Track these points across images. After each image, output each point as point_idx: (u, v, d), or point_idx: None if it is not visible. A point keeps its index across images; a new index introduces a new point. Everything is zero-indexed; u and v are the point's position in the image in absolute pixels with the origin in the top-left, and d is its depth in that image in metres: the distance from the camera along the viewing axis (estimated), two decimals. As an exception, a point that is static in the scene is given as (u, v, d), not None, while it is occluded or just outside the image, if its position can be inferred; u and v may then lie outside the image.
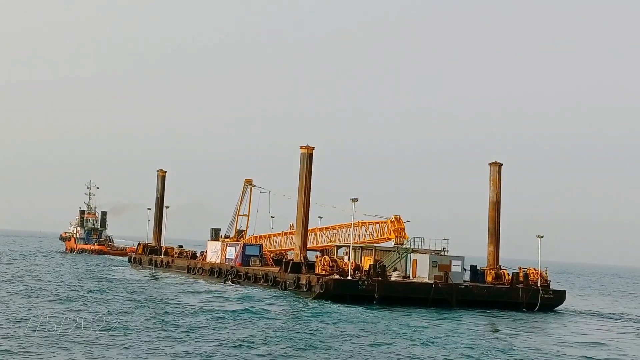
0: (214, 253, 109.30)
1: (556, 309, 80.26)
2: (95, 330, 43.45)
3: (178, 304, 63.61)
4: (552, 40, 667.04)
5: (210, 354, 38.13)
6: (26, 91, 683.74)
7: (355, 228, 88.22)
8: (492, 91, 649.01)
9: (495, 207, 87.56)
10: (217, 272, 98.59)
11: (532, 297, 78.76)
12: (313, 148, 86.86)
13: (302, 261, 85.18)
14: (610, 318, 78.84)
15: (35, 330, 41.91)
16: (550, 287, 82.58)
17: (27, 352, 35.23)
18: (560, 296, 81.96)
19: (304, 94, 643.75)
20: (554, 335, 59.22)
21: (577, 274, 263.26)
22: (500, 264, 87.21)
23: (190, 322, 50.51)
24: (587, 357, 45.93)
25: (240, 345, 41.81)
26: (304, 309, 65.09)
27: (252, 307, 64.02)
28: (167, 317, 52.49)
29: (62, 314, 50.87)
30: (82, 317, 49.29)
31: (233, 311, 59.65)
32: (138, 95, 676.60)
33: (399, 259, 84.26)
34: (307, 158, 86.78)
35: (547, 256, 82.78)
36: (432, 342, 47.88)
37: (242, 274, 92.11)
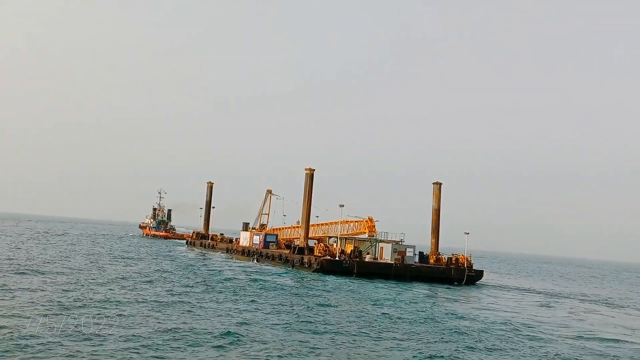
0: (244, 239, 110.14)
1: (477, 282, 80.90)
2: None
3: (225, 272, 64.80)
4: (469, 105, 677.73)
5: (250, 304, 39.32)
6: (120, 127, 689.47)
7: (341, 224, 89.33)
8: (436, 135, 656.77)
9: (437, 213, 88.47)
10: (247, 253, 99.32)
11: (460, 274, 79.43)
12: (314, 169, 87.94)
13: (305, 246, 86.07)
14: (514, 289, 79.78)
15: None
16: (473, 268, 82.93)
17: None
18: (479, 274, 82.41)
19: (309, 134, 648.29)
20: (474, 298, 60.17)
21: (494, 260, 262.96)
22: (439, 251, 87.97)
23: (233, 285, 51.46)
24: (496, 314, 47.00)
25: (268, 299, 42.95)
26: (306, 278, 65.99)
27: (272, 276, 64.97)
28: (213, 281, 53.76)
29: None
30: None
31: (260, 279, 60.60)
32: (199, 130, 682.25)
33: (370, 246, 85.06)
34: (310, 176, 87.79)
35: (471, 246, 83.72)
36: (394, 301, 48.89)
37: (263, 254, 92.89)
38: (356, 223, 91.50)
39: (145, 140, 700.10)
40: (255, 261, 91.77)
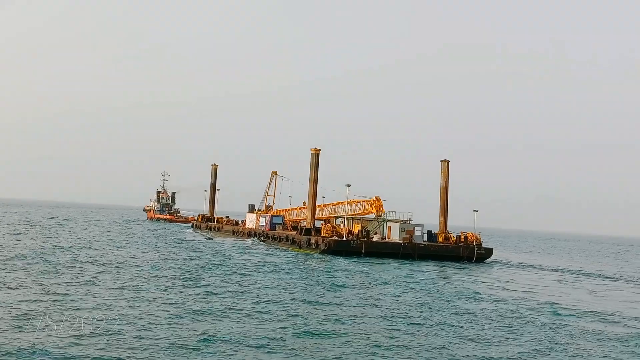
0: (250, 221, 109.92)
1: (486, 260, 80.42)
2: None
3: (233, 255, 64.62)
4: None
5: (263, 283, 38.96)
6: (124, 111, 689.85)
7: (348, 204, 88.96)
8: (444, 113, 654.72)
9: (445, 190, 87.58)
10: (253, 235, 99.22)
11: (470, 252, 78.96)
12: (319, 149, 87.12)
13: (312, 227, 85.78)
14: (521, 266, 79.64)
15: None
16: (482, 245, 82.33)
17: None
18: (489, 252, 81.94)
19: (315, 112, 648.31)
20: (484, 275, 59.75)
21: (502, 237, 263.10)
22: (448, 229, 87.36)
23: (241, 268, 51.17)
24: (504, 288, 46.78)
25: (280, 279, 42.54)
26: (314, 260, 65.58)
27: (279, 258, 64.48)
28: (222, 264, 53.46)
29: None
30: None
31: (268, 261, 60.23)
32: (206, 120, 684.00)
33: (378, 226, 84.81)
34: (316, 156, 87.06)
35: (480, 223, 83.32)
36: (402, 280, 48.59)
37: (270, 236, 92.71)
38: (363, 203, 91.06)
39: (149, 123, 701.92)
40: (262, 240, 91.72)
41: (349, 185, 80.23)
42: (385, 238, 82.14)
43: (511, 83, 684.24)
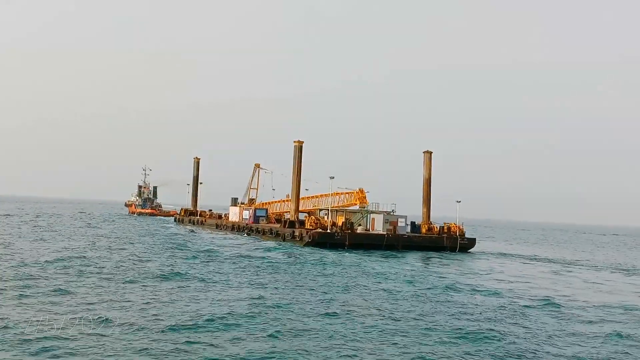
0: (234, 215, 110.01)
1: (469, 250, 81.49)
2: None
3: (218, 249, 64.51)
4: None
5: (248, 277, 39.08)
6: (104, 104, 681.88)
7: (332, 197, 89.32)
8: (426, 105, 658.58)
9: (427, 181, 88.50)
10: (237, 228, 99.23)
11: (453, 242, 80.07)
12: (302, 142, 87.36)
13: (296, 220, 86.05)
14: (504, 255, 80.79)
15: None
16: (465, 236, 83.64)
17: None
18: (472, 242, 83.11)
19: (297, 106, 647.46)
20: (466, 265, 60.74)
21: (484, 227, 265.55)
22: (431, 220, 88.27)
23: (231, 258, 51.51)
24: (483, 277, 47.42)
25: (265, 271, 42.81)
26: (298, 252, 65.78)
27: (264, 251, 64.70)
28: (209, 258, 53.60)
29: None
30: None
31: (254, 255, 60.08)
32: (185, 114, 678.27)
33: (362, 218, 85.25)
34: (299, 149, 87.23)
35: (463, 214, 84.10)
36: (386, 270, 49.15)
37: (254, 229, 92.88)
38: (347, 195, 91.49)
39: (129, 116, 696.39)
40: (246, 234, 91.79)
41: (333, 177, 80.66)
42: (369, 229, 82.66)
43: (495, 81, 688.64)
